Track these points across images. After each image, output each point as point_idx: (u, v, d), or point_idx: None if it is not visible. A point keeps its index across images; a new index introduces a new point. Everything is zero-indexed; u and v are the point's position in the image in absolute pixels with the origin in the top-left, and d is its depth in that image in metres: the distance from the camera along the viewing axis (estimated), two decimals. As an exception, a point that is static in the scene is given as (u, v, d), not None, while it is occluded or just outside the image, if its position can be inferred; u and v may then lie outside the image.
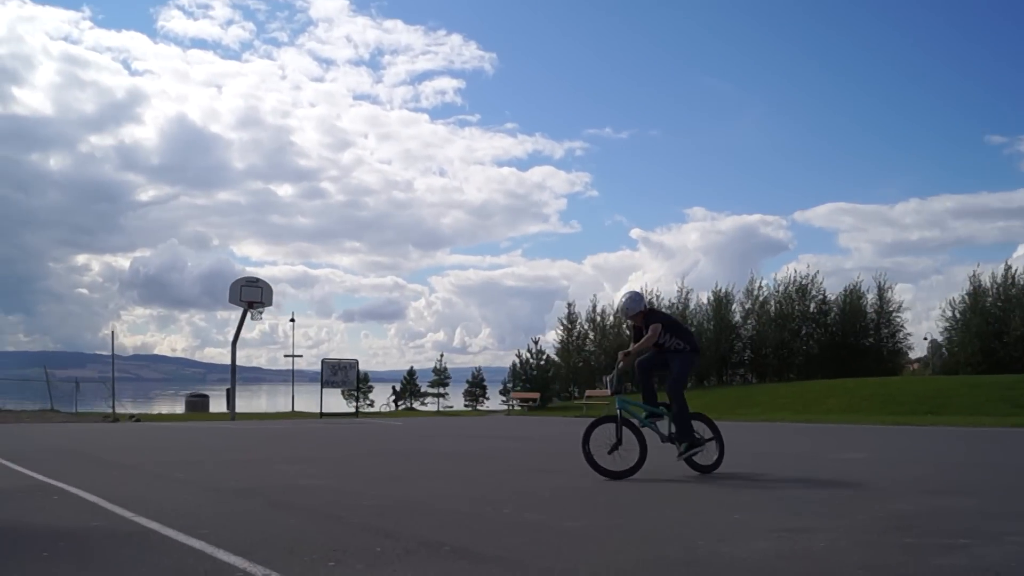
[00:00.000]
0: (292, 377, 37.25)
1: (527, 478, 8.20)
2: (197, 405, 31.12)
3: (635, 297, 8.32)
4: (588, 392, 32.37)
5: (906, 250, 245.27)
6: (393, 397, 39.45)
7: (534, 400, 33.94)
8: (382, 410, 37.48)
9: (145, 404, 45.84)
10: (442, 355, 41.61)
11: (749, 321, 37.68)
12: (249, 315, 25.72)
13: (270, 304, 26.44)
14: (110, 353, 26.80)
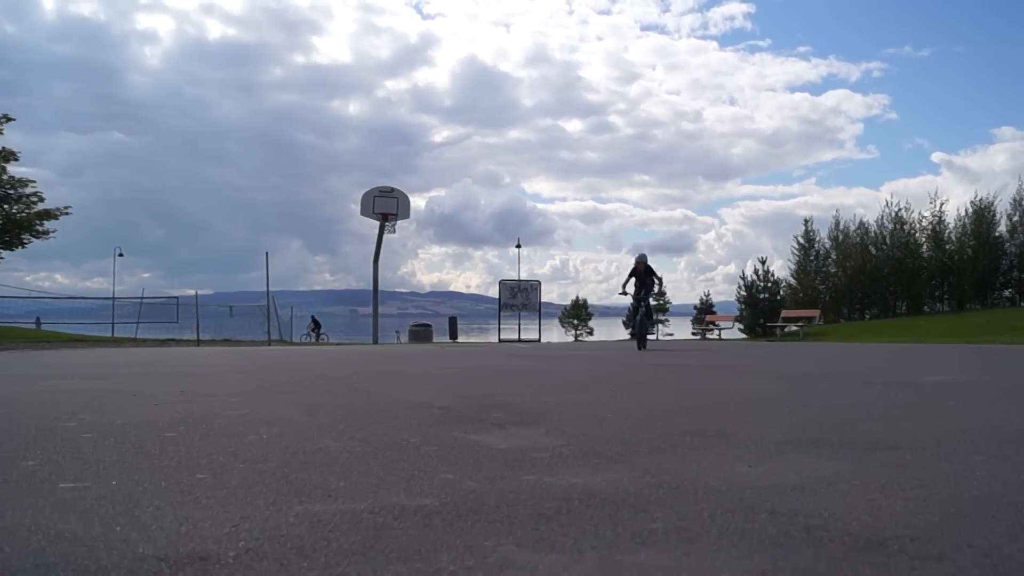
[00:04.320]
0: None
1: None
2: (420, 335, 30.69)
3: (644, 255, 14.73)
4: (784, 313, 28.35)
5: None
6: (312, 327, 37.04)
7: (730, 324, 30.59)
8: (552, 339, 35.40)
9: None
10: (665, 282, 39.26)
11: (1017, 236, 30.08)
12: (385, 229, 24.40)
13: (406, 216, 24.87)
14: (407, 290, 26.09)
